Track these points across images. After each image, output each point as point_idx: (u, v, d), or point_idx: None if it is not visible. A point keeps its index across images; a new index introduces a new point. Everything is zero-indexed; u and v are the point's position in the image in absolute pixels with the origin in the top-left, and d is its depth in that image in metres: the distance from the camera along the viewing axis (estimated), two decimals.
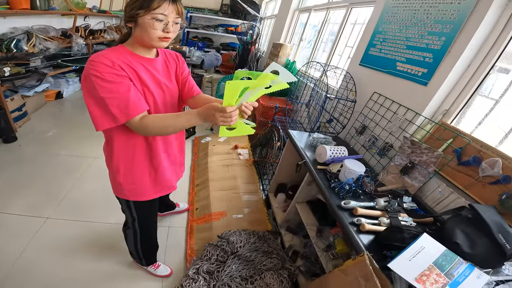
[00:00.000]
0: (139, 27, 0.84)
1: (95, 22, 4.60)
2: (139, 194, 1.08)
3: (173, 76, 1.05)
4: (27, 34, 2.86)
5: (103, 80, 0.79)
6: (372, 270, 0.79)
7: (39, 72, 3.11)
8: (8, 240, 1.55)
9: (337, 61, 2.66)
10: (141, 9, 0.79)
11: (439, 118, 1.39)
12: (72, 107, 3.65)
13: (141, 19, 0.81)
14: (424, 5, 1.47)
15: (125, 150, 0.99)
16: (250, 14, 5.73)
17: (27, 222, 1.69)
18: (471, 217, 0.94)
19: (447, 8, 1.33)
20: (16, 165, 2.23)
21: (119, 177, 1.03)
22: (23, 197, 1.88)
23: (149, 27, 0.81)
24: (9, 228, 1.63)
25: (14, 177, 2.08)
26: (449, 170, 1.23)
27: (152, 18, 0.80)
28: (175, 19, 0.85)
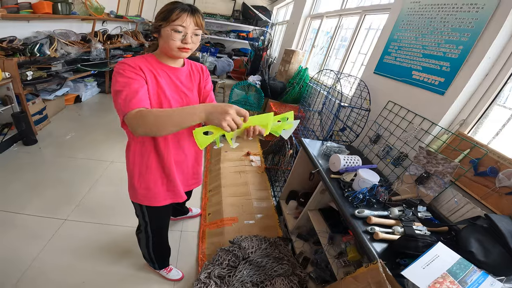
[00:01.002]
0: (161, 37, 0.91)
1: (112, 27, 4.75)
2: (152, 199, 1.11)
3: (195, 88, 1.09)
4: (49, 39, 2.98)
5: (121, 76, 0.85)
6: (385, 277, 0.79)
7: (60, 76, 3.24)
8: (28, 240, 1.61)
9: (350, 69, 2.66)
10: (163, 20, 0.87)
11: (456, 128, 1.38)
12: (90, 111, 3.78)
13: (163, 30, 0.88)
14: (440, 13, 1.46)
15: (141, 156, 1.04)
16: (262, 20, 5.81)
17: (46, 223, 1.76)
18: (487, 227, 0.95)
19: (464, 16, 1.32)
20: (36, 167, 2.33)
21: (135, 181, 1.08)
22: (42, 199, 1.96)
23: (169, 37, 0.88)
24: (29, 229, 1.70)
25: (34, 179, 2.16)
26: (466, 180, 1.22)
27: (171, 29, 0.87)
28: (194, 30, 0.90)
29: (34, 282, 1.39)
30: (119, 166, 2.52)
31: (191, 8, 0.90)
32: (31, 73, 2.72)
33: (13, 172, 2.21)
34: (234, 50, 6.63)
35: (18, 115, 2.45)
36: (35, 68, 2.88)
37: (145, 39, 5.54)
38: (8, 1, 2.54)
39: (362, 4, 2.65)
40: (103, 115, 3.67)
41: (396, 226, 1.08)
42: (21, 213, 1.80)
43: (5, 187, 2.02)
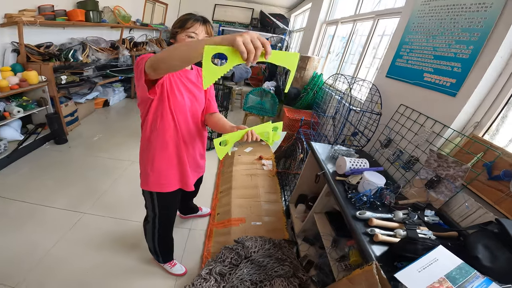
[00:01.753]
0: (177, 42, 1.04)
1: (138, 34, 5.09)
2: (163, 185, 1.21)
3: (203, 89, 1.21)
4: (82, 45, 3.26)
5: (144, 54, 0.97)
6: (378, 279, 0.77)
7: (91, 81, 3.51)
8: (49, 230, 1.75)
9: (365, 73, 2.63)
10: (179, 28, 1.03)
11: (470, 130, 1.31)
12: (117, 114, 4.05)
13: (178, 36, 1.03)
14: (450, 14, 1.42)
15: (161, 145, 1.15)
16: (279, 28, 5.90)
17: (67, 216, 1.90)
18: (497, 232, 0.89)
19: (473, 16, 1.28)
20: (64, 165, 2.53)
21: (149, 168, 1.18)
22: (67, 194, 2.12)
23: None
24: (51, 220, 1.84)
25: (62, 175, 2.36)
26: (479, 184, 1.15)
27: (186, 35, 1.02)
28: (204, 37, 1.03)
29: (49, 267, 1.51)
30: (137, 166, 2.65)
31: (203, 18, 1.05)
32: (65, 77, 2.98)
33: (44, 168, 2.43)
34: None
35: (51, 116, 2.70)
36: (69, 73, 3.15)
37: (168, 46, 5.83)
38: (45, 9, 2.83)
39: (376, 8, 2.62)
40: (127, 119, 3.91)
41: (398, 229, 1.05)
42: (46, 206, 1.97)
43: (34, 181, 2.23)
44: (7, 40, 2.61)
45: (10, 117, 2.30)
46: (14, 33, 2.57)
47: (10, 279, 1.40)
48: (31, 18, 2.54)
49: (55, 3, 2.96)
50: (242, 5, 6.73)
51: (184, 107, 1.12)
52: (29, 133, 2.62)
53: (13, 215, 1.84)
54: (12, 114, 2.31)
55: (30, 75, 2.47)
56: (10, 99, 2.45)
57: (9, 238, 1.65)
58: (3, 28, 2.53)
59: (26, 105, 2.47)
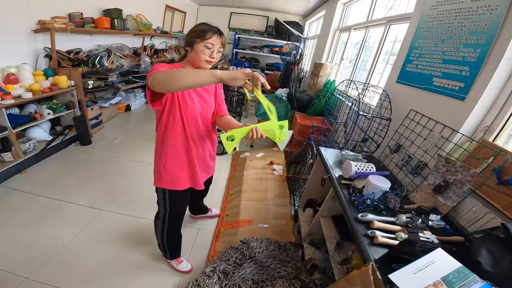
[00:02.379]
0: (193, 51, 1.12)
1: (158, 42, 5.34)
2: (175, 183, 1.30)
3: (213, 93, 1.31)
4: (107, 52, 3.48)
5: (157, 64, 1.07)
6: (372, 280, 0.78)
7: (115, 87, 3.73)
8: (68, 225, 1.87)
9: (378, 79, 2.61)
10: (197, 38, 1.09)
11: (480, 135, 1.28)
12: (137, 119, 4.26)
13: (196, 45, 1.10)
14: (458, 18, 1.42)
15: (172, 146, 1.24)
16: (294, 35, 5.96)
17: (86, 212, 2.03)
18: (503, 237, 0.87)
19: (480, 19, 1.27)
20: (88, 164, 2.71)
21: (162, 167, 1.27)
22: (89, 191, 2.27)
23: (200, 52, 1.10)
24: (71, 216, 1.97)
25: (86, 174, 2.52)
26: (488, 190, 1.12)
27: (204, 46, 1.09)
28: (219, 48, 1.14)
29: (66, 259, 1.62)
30: None
31: (219, 30, 1.13)
32: (92, 82, 3.20)
33: (69, 167, 2.61)
34: (268, 64, 6.87)
35: (78, 119, 2.90)
36: (95, 78, 3.37)
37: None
38: (75, 16, 3.06)
39: (387, 14, 2.62)
40: (147, 123, 4.09)
41: (400, 232, 1.04)
42: (68, 202, 2.11)
43: (59, 179, 2.40)
44: (40, 45, 2.83)
45: (41, 119, 2.51)
46: (46, 39, 2.79)
47: (27, 268, 1.51)
48: (62, 25, 2.75)
49: (84, 10, 3.18)
50: (257, 13, 6.90)
51: (195, 111, 1.21)
52: (57, 134, 2.84)
53: (36, 210, 1.99)
54: (43, 115, 2.53)
55: (61, 79, 2.68)
56: (41, 102, 2.67)
57: (29, 231, 1.78)
58: (36, 34, 2.74)
59: (55, 107, 2.68)
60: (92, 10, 3.42)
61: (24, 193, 2.15)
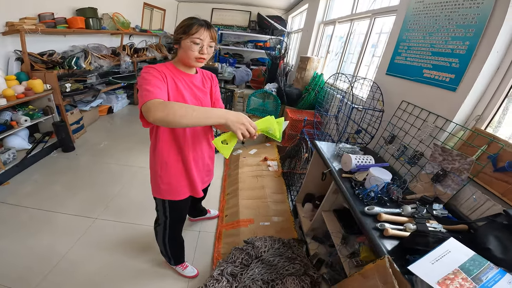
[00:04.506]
0: (181, 48, 1.04)
1: (138, 40, 5.14)
2: (174, 193, 1.23)
3: (208, 92, 1.23)
4: (84, 52, 3.29)
5: (148, 74, 0.98)
6: (391, 273, 0.79)
7: (95, 88, 3.54)
8: (63, 236, 1.79)
9: (365, 72, 2.66)
10: (183, 34, 1.00)
11: (472, 124, 1.34)
12: (121, 121, 4.08)
13: (183, 42, 1.02)
14: (444, 11, 1.46)
15: (165, 155, 1.16)
16: (277, 29, 5.94)
17: (79, 221, 1.93)
18: (507, 223, 0.91)
19: (467, 13, 1.31)
20: (73, 172, 2.57)
21: (158, 178, 1.19)
22: (77, 200, 2.16)
23: (188, 48, 1.01)
24: (64, 226, 1.88)
25: (72, 182, 2.39)
26: (485, 177, 1.17)
27: (191, 41, 1.00)
28: (209, 43, 1.04)
29: (65, 272, 1.54)
30: (145, 171, 2.67)
31: (206, 23, 1.03)
32: (69, 85, 3.01)
33: (53, 176, 2.46)
34: (252, 60, 6.81)
35: (58, 125, 2.73)
36: (73, 81, 3.18)
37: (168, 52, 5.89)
38: (45, 17, 2.86)
39: (371, 7, 2.66)
40: (132, 125, 3.94)
41: (408, 223, 1.06)
42: (58, 212, 2.00)
43: (45, 189, 2.26)
44: (10, 48, 2.63)
45: (18, 126, 2.34)
46: (16, 42, 2.60)
47: (27, 283, 1.44)
48: (32, 26, 2.57)
49: (55, 10, 2.98)
50: (239, 9, 6.78)
51: None
52: (37, 142, 2.66)
53: (26, 222, 1.87)
54: (20, 123, 2.35)
55: (35, 83, 2.50)
56: (16, 108, 2.48)
57: (25, 245, 1.68)
58: (5, 37, 2.55)
59: (32, 114, 2.50)
60: (64, 10, 3.23)
61: (10, 206, 2.02)
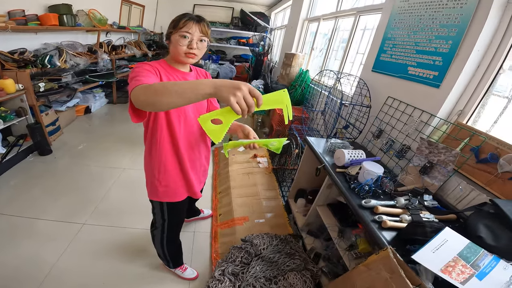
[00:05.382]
0: (171, 44, 1.01)
1: (115, 38, 4.92)
2: (172, 195, 1.20)
3: None
4: (58, 50, 3.09)
5: (139, 68, 0.93)
6: (396, 262, 0.83)
7: (70, 88, 3.33)
8: (49, 244, 1.69)
9: (350, 68, 2.73)
10: (172, 28, 0.98)
11: (455, 118, 1.43)
12: (100, 121, 3.90)
13: (172, 37, 0.99)
14: (428, 11, 1.53)
15: (161, 157, 1.12)
16: (260, 26, 5.92)
17: (65, 227, 1.84)
18: (493, 212, 0.97)
19: (450, 13, 1.39)
20: (52, 176, 2.42)
21: (156, 180, 1.16)
22: (60, 205, 2.04)
23: (177, 43, 0.98)
24: (49, 234, 1.78)
25: (51, 187, 2.25)
26: (469, 168, 1.26)
27: (179, 35, 0.96)
28: (199, 37, 0.99)
29: (57, 283, 1.46)
30: (131, 173, 2.61)
31: (197, 17, 0.99)
32: (43, 85, 2.81)
33: (31, 180, 2.31)
34: (236, 56, 6.75)
35: (33, 126, 2.55)
36: (46, 80, 2.97)
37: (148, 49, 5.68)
38: (16, 14, 2.66)
39: (356, 5, 2.73)
40: (112, 125, 3.78)
41: (403, 214, 1.12)
42: (41, 219, 1.89)
43: (24, 195, 2.12)
44: None
45: None
46: None
47: None
48: (1, 23, 2.38)
49: (26, 7, 2.78)
50: (222, 5, 6.67)
51: (185, 113, 1.09)
52: (11, 146, 2.47)
53: (9, 231, 1.76)
54: None
55: (7, 83, 2.31)
56: None
57: (9, 255, 1.59)
58: None
59: (4, 116, 2.32)
60: (35, 6, 3.01)
61: None
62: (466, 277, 0.78)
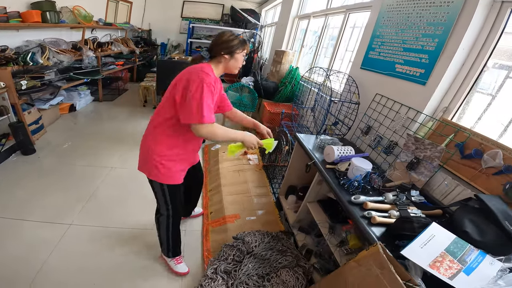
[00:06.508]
0: (233, 59, 1.26)
1: (101, 34, 4.80)
2: (170, 178, 1.32)
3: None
4: (40, 47, 2.99)
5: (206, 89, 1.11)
6: (386, 258, 0.83)
7: (54, 85, 3.23)
8: (36, 246, 1.64)
9: (339, 65, 2.75)
10: (239, 48, 1.24)
11: (440, 115, 1.46)
12: (85, 119, 3.79)
13: (237, 55, 1.25)
14: (416, 9, 1.55)
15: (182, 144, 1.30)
16: (251, 23, 5.88)
17: (52, 228, 1.79)
18: (478, 207, 0.98)
19: (437, 11, 1.41)
20: (37, 176, 2.34)
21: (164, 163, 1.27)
22: (46, 206, 1.98)
23: (240, 60, 1.29)
24: (36, 235, 1.72)
25: (36, 187, 2.18)
26: (454, 164, 1.29)
27: (242, 55, 1.28)
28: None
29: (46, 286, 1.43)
30: (120, 172, 2.56)
31: None
32: (25, 83, 2.71)
33: (15, 181, 2.23)
34: None
35: (15, 125, 2.46)
36: (29, 77, 2.87)
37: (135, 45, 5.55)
38: None
39: (346, 3, 2.75)
40: (99, 123, 3.69)
41: (391, 210, 1.14)
42: (27, 220, 1.83)
43: (8, 196, 2.04)
44: None
45: None
46: None
47: None
48: None
49: (7, 4, 2.69)
50: (212, 1, 6.58)
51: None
52: None
53: None
54: None
55: None
56: None
57: None
58: None
59: None
60: (18, 3, 2.92)
61: None
62: (454, 272, 0.78)
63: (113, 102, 4.64)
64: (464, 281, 0.77)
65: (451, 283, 0.76)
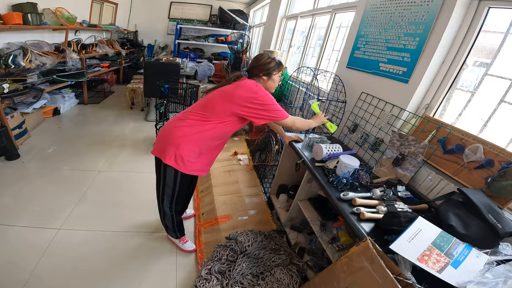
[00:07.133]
0: (271, 79, 1.41)
1: (85, 36, 4.69)
2: (188, 169, 1.38)
3: None
4: (22, 50, 2.91)
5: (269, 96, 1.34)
6: (376, 253, 0.85)
7: (36, 88, 3.14)
8: (25, 251, 1.61)
9: (326, 65, 2.80)
10: (275, 70, 1.39)
11: (423, 112, 1.51)
12: (70, 123, 3.69)
13: (274, 76, 1.40)
14: (398, 8, 1.60)
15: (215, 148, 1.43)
16: (239, 23, 5.88)
17: (40, 233, 1.75)
18: (462, 201, 1.02)
19: (418, 10, 1.46)
20: (22, 181, 2.28)
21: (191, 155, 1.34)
22: (33, 211, 1.94)
23: (277, 81, 1.44)
24: (24, 240, 1.69)
25: (21, 193, 2.13)
26: (437, 159, 1.34)
27: (279, 76, 1.43)
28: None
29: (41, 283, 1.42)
30: (108, 175, 2.51)
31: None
32: (7, 86, 2.63)
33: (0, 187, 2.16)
34: (214, 54, 6.64)
35: None
36: (11, 81, 2.79)
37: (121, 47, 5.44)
38: None
39: (332, 3, 2.79)
40: (85, 126, 3.61)
41: (379, 205, 1.17)
42: (14, 225, 1.79)
43: None
44: None
45: None
46: None
47: None
48: None
49: None
50: (200, 2, 6.54)
51: None
52: None
53: None
54: None
55: None
56: None
57: None
58: None
59: None
60: None
61: None
62: (442, 265, 0.80)
63: (99, 104, 4.54)
64: (453, 274, 0.78)
65: (440, 276, 0.78)
